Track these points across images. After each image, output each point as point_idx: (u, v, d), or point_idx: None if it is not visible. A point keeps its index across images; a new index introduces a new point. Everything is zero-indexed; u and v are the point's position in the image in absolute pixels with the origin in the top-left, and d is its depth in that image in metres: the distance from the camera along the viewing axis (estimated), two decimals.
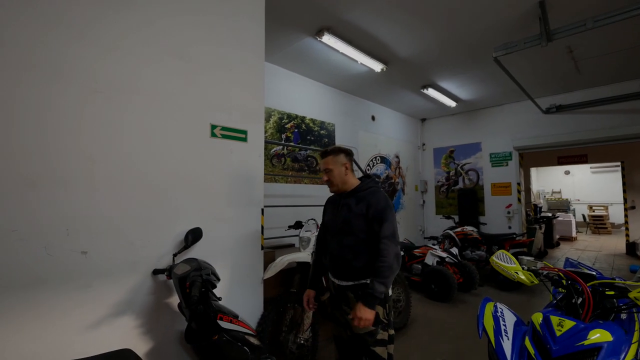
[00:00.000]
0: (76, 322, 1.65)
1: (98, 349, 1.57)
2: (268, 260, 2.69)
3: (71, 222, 1.65)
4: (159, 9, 2.03)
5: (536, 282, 1.69)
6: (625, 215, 8.12)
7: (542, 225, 7.97)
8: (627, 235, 8.08)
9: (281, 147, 4.61)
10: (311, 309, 2.01)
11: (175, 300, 1.98)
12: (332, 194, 2.02)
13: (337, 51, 4.04)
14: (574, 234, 10.58)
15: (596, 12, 3.16)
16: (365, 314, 1.60)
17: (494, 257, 1.85)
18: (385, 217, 1.72)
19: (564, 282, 1.63)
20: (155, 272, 1.92)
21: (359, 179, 1.95)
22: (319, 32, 3.66)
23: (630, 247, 7.77)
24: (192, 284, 1.66)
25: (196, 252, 2.09)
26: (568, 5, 3.27)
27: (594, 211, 12.53)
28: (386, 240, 1.68)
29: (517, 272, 1.72)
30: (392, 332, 1.81)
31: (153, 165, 1.96)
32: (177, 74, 2.09)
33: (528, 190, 10.02)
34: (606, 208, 12.50)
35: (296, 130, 4.89)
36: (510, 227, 6.48)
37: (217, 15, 2.32)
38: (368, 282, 1.72)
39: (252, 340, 1.87)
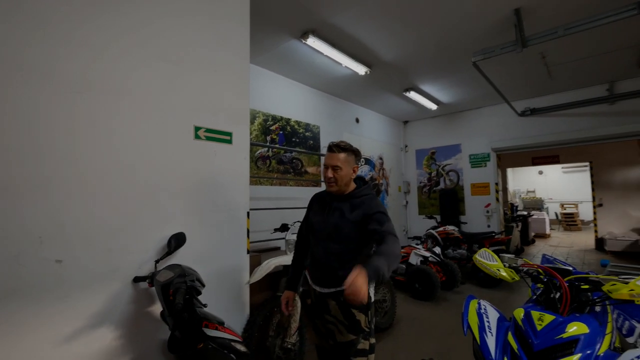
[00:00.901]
0: (51, 335, 1.56)
1: None
2: (254, 264, 2.65)
3: (45, 230, 1.56)
4: (144, 13, 1.98)
5: (517, 278, 1.75)
6: (594, 213, 8.52)
7: (519, 224, 8.26)
8: (595, 231, 8.48)
9: (266, 149, 4.58)
10: (289, 312, 1.88)
11: (157, 308, 1.91)
12: (319, 192, 1.89)
13: (322, 54, 4.05)
14: (547, 231, 11.03)
15: (568, 20, 3.32)
16: (360, 280, 1.21)
17: (477, 256, 1.90)
18: (387, 218, 1.61)
19: (542, 277, 1.69)
20: (136, 279, 1.85)
21: (354, 181, 1.82)
22: (304, 35, 3.67)
23: (599, 242, 8.17)
24: (175, 291, 1.62)
25: (180, 257, 2.04)
26: (542, 13, 3.41)
27: (565, 209, 13.11)
28: (392, 237, 1.50)
29: (499, 270, 1.78)
30: (373, 340, 1.70)
31: (133, 168, 1.89)
32: (160, 76, 2.03)
33: (505, 190, 10.37)
34: (576, 206, 13.10)
35: (281, 132, 4.87)
36: (489, 226, 6.68)
37: (202, 16, 2.28)
38: None
39: (239, 347, 1.83)
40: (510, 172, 14.22)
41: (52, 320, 1.57)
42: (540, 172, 14.71)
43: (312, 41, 3.71)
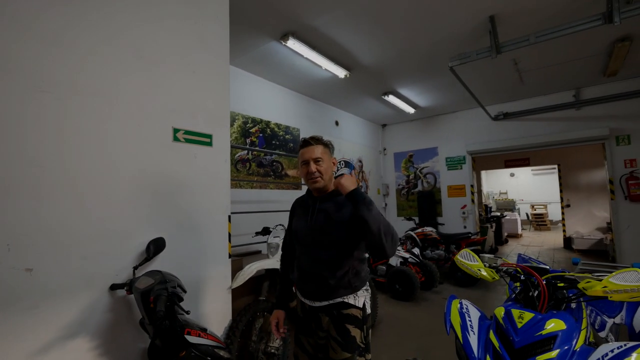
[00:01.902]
0: (21, 349, 1.47)
1: None
2: (236, 268, 2.60)
3: (13, 236, 1.47)
4: (118, 5, 1.90)
5: (497, 277, 1.80)
6: (562, 213, 8.98)
7: (493, 224, 8.57)
8: (564, 231, 8.93)
9: (246, 151, 4.51)
10: (280, 335, 1.70)
11: (136, 316, 1.84)
12: (300, 197, 1.78)
13: (302, 56, 4.05)
14: (519, 231, 11.51)
15: (538, 28, 3.48)
16: (348, 181, 1.39)
17: (458, 257, 1.94)
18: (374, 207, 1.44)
19: (521, 276, 1.75)
20: (113, 287, 1.77)
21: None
22: (284, 37, 3.65)
23: (567, 241, 8.62)
24: (156, 298, 1.55)
25: (159, 263, 1.97)
26: (515, 21, 3.57)
27: (535, 210, 13.74)
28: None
29: (479, 270, 1.82)
30: (369, 357, 1.56)
31: (109, 171, 1.81)
32: (136, 75, 1.96)
33: (480, 191, 10.74)
34: (545, 207, 13.76)
35: (261, 134, 4.82)
36: (465, 227, 6.89)
37: (179, 14, 2.22)
38: (344, 300, 1.50)
39: (222, 353, 1.78)
40: (484, 174, 14.73)
41: (21, 332, 1.48)
42: (512, 175, 15.36)
43: (292, 43, 3.70)
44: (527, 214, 13.43)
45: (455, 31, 3.75)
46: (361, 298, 1.55)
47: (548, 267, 1.90)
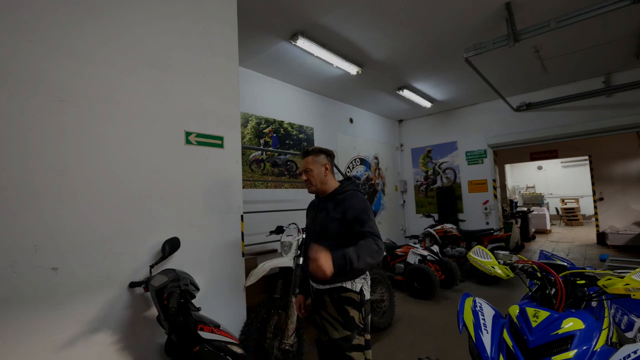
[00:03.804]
0: (49, 342, 1.57)
1: None
2: (250, 267, 2.65)
3: (39, 238, 1.57)
4: (129, 18, 1.98)
5: (512, 275, 1.74)
6: (595, 207, 8.51)
7: (518, 220, 8.24)
8: (597, 225, 8.46)
9: (260, 152, 4.58)
10: (303, 315, 2.00)
11: (153, 312, 1.91)
12: (313, 196, 2.01)
13: (312, 55, 4.05)
14: (548, 227, 11.01)
15: (559, 13, 3.31)
16: (323, 260, 1.41)
17: (471, 253, 1.89)
18: (367, 217, 1.69)
19: (538, 274, 1.68)
20: (132, 285, 1.85)
21: (339, 181, 1.93)
22: (293, 36, 3.67)
23: (600, 237, 8.16)
24: (169, 295, 1.62)
25: (175, 262, 2.04)
26: (533, 7, 3.41)
27: (565, 204, 13.09)
28: (373, 237, 1.62)
29: (493, 267, 1.77)
30: (368, 336, 1.76)
31: (126, 175, 1.90)
32: (149, 82, 2.03)
33: (503, 186, 10.36)
34: (577, 200, 13.08)
35: (274, 134, 4.87)
36: (487, 223, 6.67)
37: (188, 21, 2.29)
38: (343, 285, 1.71)
39: (235, 349, 1.83)
40: (508, 168, 14.22)
41: (49, 327, 1.58)
42: (540, 168, 14.71)
43: (302, 42, 3.71)
44: (556, 209, 12.83)
45: (469, 21, 3.64)
46: (358, 284, 1.75)
47: (567, 264, 1.81)
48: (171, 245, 1.94)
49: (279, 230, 3.12)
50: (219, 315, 2.25)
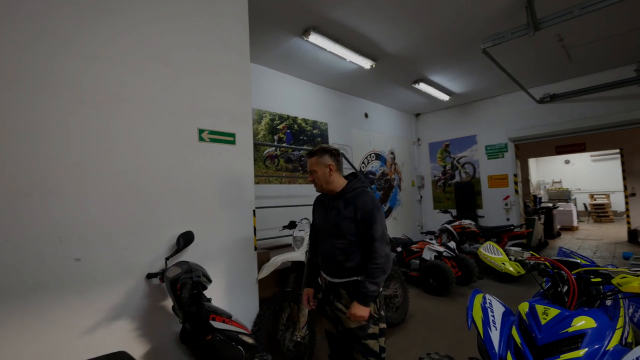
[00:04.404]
0: (73, 327, 1.68)
1: (96, 352, 1.60)
2: (263, 260, 2.71)
3: (64, 231, 1.67)
4: (141, 16, 2.05)
5: (523, 272, 1.71)
6: (626, 203, 8.08)
7: (542, 216, 7.95)
8: (628, 222, 8.05)
9: (274, 148, 4.63)
10: (312, 307, 2.04)
11: (169, 302, 2.00)
12: (319, 194, 2.04)
13: (325, 50, 4.05)
14: (575, 224, 10.56)
15: None
16: (360, 312, 1.69)
17: (481, 249, 1.86)
18: (374, 219, 1.74)
19: (550, 271, 1.64)
20: (149, 276, 1.94)
21: (346, 178, 1.95)
22: (305, 32, 3.67)
23: (632, 234, 7.74)
24: (182, 285, 1.69)
25: (189, 255, 2.11)
26: None
27: (595, 200, 12.49)
28: (377, 243, 1.73)
29: (504, 263, 1.74)
30: (383, 325, 1.85)
31: (143, 171, 1.98)
32: (162, 80, 2.10)
33: (526, 181, 10.00)
34: (608, 196, 12.44)
35: (288, 130, 4.91)
36: (508, 219, 6.48)
37: (199, 19, 2.34)
38: (359, 279, 1.78)
39: (247, 339, 1.89)
40: (533, 162, 13.68)
41: (74, 314, 1.68)
42: (567, 162, 14.08)
43: (314, 38, 3.71)
44: (584, 205, 12.26)
45: (486, 10, 3.51)
46: None
47: (584, 261, 1.75)
48: (185, 239, 2.02)
49: (292, 225, 3.17)
50: (231, 306, 2.32)
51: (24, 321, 1.54)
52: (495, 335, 1.51)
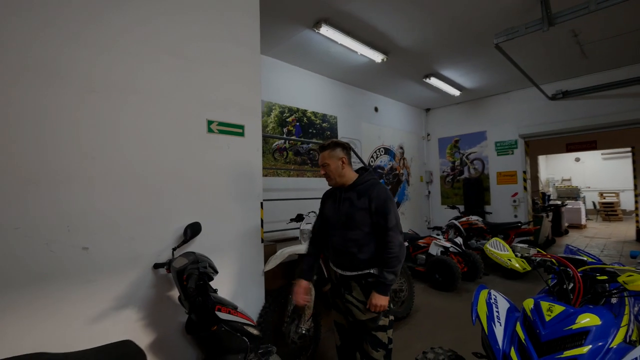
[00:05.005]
0: (80, 316, 1.70)
1: (103, 341, 1.61)
2: (269, 253, 2.73)
3: (72, 220, 1.69)
4: (151, 7, 2.05)
5: (528, 268, 1.70)
6: (636, 202, 7.94)
7: (550, 214, 7.86)
8: (637, 221, 7.92)
9: (283, 140, 4.64)
10: (302, 303, 2.02)
11: (175, 293, 2.03)
12: (330, 187, 2.07)
13: (336, 42, 4.01)
14: (583, 222, 10.42)
15: None
16: (381, 301, 1.76)
17: (487, 245, 1.86)
18: (388, 209, 1.80)
19: (556, 268, 1.63)
20: (156, 266, 1.97)
21: (357, 171, 1.99)
22: (317, 24, 3.64)
23: None
24: (189, 276, 1.71)
25: (196, 246, 2.14)
26: None
27: (604, 198, 12.29)
28: (391, 232, 1.78)
29: (509, 260, 1.73)
30: (392, 317, 1.93)
31: (151, 162, 1.99)
32: (171, 71, 2.11)
33: (535, 178, 9.87)
34: (617, 195, 12.23)
35: (297, 123, 4.90)
36: (516, 216, 6.42)
37: (210, 10, 2.33)
38: (371, 271, 1.84)
39: (252, 330, 1.91)
40: (542, 159, 13.49)
41: (80, 302, 1.70)
42: (577, 159, 13.85)
43: (326, 30, 3.68)
44: (593, 203, 12.07)
45: (499, 4, 3.44)
46: None
47: (590, 258, 1.74)
48: (193, 230, 2.04)
49: (299, 218, 3.18)
50: (237, 297, 2.35)
51: (31, 308, 1.56)
52: (499, 331, 1.52)
